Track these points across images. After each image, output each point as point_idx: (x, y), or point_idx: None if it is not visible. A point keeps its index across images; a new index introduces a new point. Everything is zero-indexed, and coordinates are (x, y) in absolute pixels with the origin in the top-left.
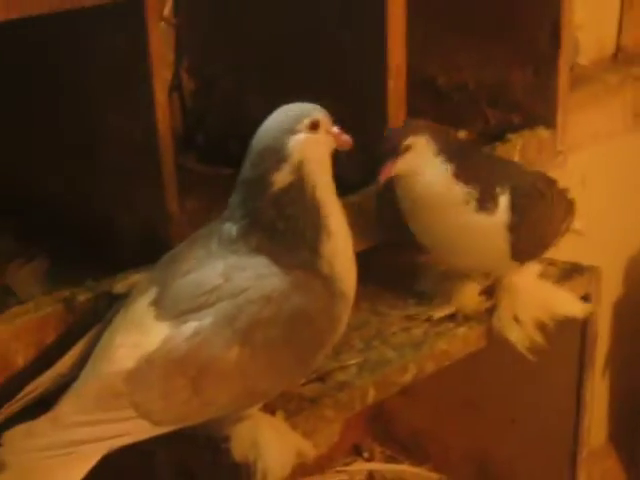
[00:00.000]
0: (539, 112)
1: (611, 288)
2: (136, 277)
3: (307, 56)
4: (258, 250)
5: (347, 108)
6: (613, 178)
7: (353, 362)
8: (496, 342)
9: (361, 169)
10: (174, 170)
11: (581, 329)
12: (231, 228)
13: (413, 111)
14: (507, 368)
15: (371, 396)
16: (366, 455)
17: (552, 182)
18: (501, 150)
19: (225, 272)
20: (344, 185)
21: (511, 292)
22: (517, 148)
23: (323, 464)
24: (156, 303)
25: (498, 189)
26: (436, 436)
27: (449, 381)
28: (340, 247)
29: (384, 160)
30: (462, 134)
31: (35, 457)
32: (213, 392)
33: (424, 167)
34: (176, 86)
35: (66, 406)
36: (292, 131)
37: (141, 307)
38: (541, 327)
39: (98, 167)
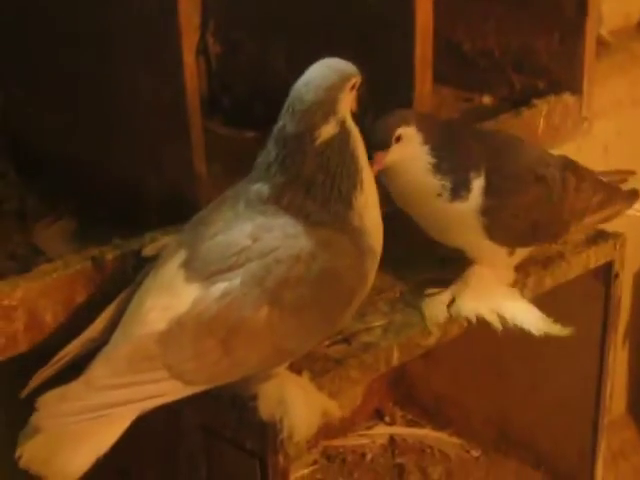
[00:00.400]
0: (565, 78)
1: (632, 258)
2: (165, 239)
3: (333, 20)
4: (288, 209)
5: (374, 73)
6: (636, 146)
7: (378, 324)
8: None
9: None
10: (202, 132)
11: (604, 295)
12: (262, 188)
13: (439, 76)
14: (529, 334)
15: (395, 358)
16: (388, 419)
17: (576, 168)
18: (526, 115)
19: (253, 233)
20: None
21: (463, 286)
22: (542, 113)
23: (345, 428)
24: (185, 265)
25: (472, 174)
26: (457, 401)
27: (471, 346)
28: (370, 201)
29: (376, 149)
30: (487, 99)
31: (69, 421)
32: (243, 352)
33: (410, 158)
34: (202, 50)
35: (99, 369)
36: (342, 88)
37: (171, 270)
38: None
39: (126, 128)
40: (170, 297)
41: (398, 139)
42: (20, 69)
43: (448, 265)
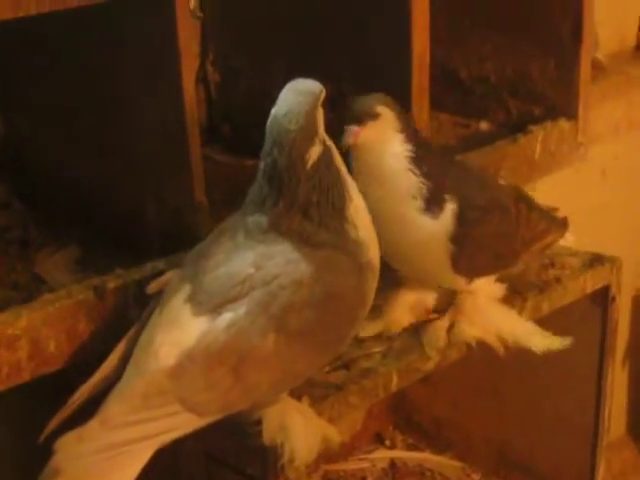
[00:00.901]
0: (560, 104)
1: (630, 279)
2: (168, 275)
3: (331, 48)
4: (287, 235)
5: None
6: (633, 170)
7: (377, 350)
8: None
9: None
10: (201, 160)
11: (602, 318)
12: (259, 218)
13: (436, 103)
14: (528, 357)
15: (395, 383)
16: (388, 443)
17: (525, 198)
18: (523, 141)
19: (255, 262)
20: None
21: (459, 311)
22: (538, 139)
23: (346, 452)
24: (191, 299)
25: (447, 196)
26: (457, 424)
27: (470, 370)
28: (360, 209)
29: (352, 123)
30: (484, 125)
31: (88, 461)
32: (254, 379)
33: (386, 140)
34: (201, 78)
35: (113, 407)
36: (317, 107)
37: (177, 305)
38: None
39: (127, 157)
40: (178, 331)
41: (376, 117)
42: (22, 98)
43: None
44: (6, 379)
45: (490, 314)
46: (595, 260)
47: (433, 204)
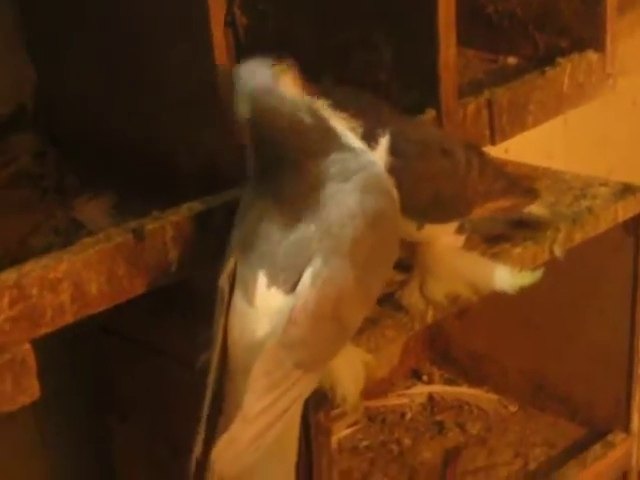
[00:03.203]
0: (587, 36)
1: None
2: (229, 265)
3: None
4: (321, 182)
5: (398, 40)
6: None
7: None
8: (552, 261)
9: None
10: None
11: (634, 247)
12: (281, 188)
13: (463, 39)
14: (563, 287)
15: (430, 316)
16: (425, 379)
17: (479, 153)
18: (551, 74)
19: (308, 219)
20: None
21: (422, 267)
22: (566, 72)
23: (385, 388)
24: (268, 278)
25: (380, 130)
26: (493, 358)
27: (505, 302)
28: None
29: None
30: (512, 60)
31: (248, 458)
32: (351, 319)
33: None
34: (229, 22)
35: (245, 400)
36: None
37: (261, 293)
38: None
39: (158, 102)
40: (267, 310)
41: None
42: (53, 48)
43: None
44: (50, 322)
45: (453, 264)
46: (626, 190)
47: (368, 139)
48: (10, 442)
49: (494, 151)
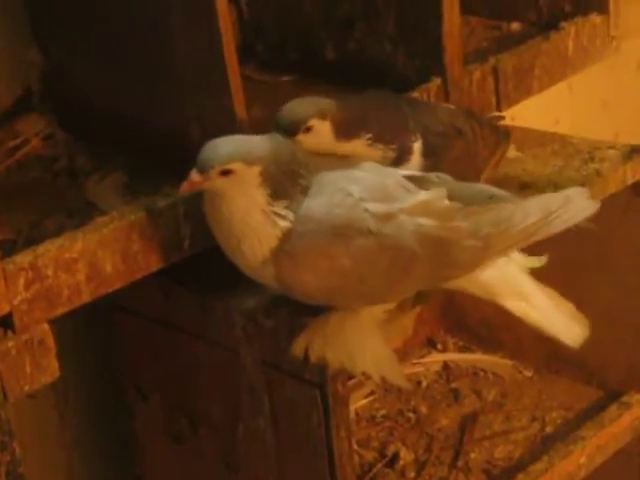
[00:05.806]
0: None
1: None
2: None
3: None
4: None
5: (402, 8)
6: None
7: None
8: None
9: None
10: (239, 78)
11: None
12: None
13: (467, 7)
14: (573, 254)
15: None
16: (440, 347)
17: (475, 116)
18: (555, 38)
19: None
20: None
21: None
22: (570, 36)
23: (400, 358)
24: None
25: (413, 138)
26: (507, 324)
27: None
28: None
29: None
30: (516, 26)
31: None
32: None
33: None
34: None
35: None
36: None
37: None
38: None
39: (166, 80)
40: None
41: (308, 130)
42: (58, 28)
43: None
44: (67, 301)
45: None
46: (634, 151)
47: (403, 155)
48: (30, 422)
49: None
